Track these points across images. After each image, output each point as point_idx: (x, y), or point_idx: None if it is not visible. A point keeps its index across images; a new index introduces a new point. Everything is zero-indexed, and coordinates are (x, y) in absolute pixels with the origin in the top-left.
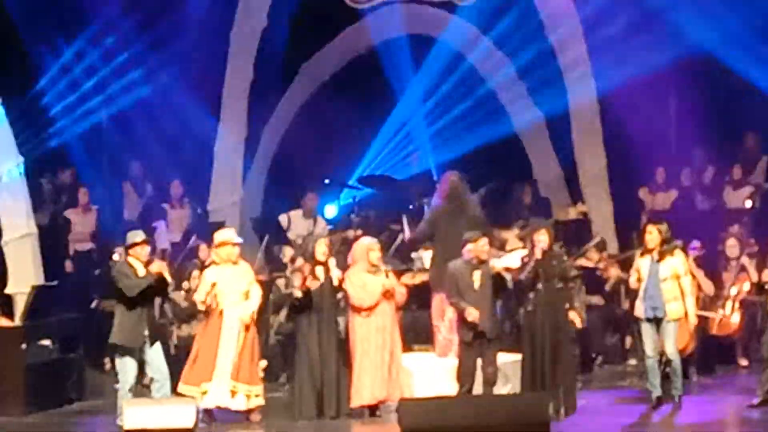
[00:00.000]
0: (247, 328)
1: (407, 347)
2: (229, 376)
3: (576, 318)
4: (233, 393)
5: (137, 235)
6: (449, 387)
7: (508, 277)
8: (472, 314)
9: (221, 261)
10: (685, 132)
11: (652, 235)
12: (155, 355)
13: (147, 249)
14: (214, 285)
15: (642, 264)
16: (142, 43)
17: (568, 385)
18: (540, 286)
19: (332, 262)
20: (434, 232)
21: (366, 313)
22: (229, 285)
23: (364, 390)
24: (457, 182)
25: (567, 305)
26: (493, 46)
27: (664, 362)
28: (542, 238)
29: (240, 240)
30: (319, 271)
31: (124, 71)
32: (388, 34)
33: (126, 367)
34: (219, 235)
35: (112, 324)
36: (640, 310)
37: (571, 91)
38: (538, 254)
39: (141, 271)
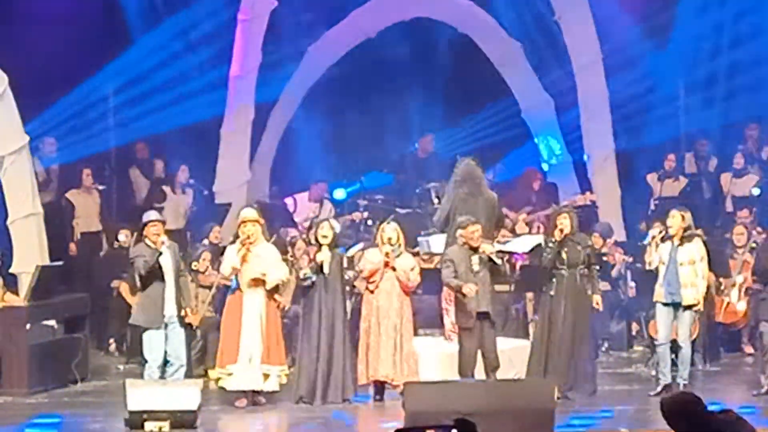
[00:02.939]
0: (269, 308)
1: (414, 331)
2: (259, 359)
3: (600, 301)
4: (266, 376)
5: (149, 215)
6: (455, 371)
7: (499, 261)
8: (470, 289)
9: (242, 238)
10: (691, 120)
11: (675, 219)
12: (175, 338)
13: (158, 228)
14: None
15: (663, 249)
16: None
17: (588, 370)
18: (564, 271)
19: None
20: (449, 216)
21: (374, 290)
22: (247, 265)
23: (368, 368)
24: (473, 166)
25: (589, 290)
26: (501, 27)
27: (674, 348)
28: (565, 222)
29: (261, 219)
30: (323, 253)
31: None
32: (396, 17)
33: (152, 345)
34: (241, 213)
35: (119, 305)
36: (660, 293)
37: (580, 78)
38: (557, 236)
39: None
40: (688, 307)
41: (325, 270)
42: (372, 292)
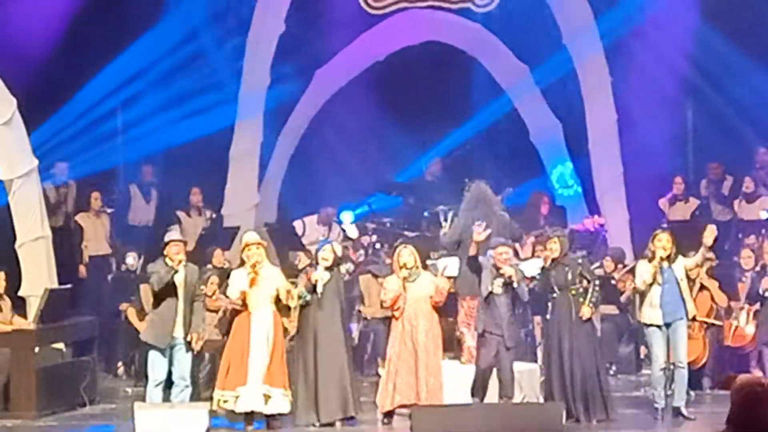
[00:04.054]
0: (276, 329)
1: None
2: (261, 380)
3: (587, 311)
4: (266, 398)
5: (170, 235)
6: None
7: (515, 278)
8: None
9: (247, 263)
10: (702, 143)
11: (667, 240)
12: (183, 359)
13: (179, 248)
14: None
15: (649, 270)
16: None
17: (594, 391)
18: (555, 294)
19: (344, 267)
20: (461, 239)
21: (399, 317)
22: (255, 288)
23: (388, 395)
24: (483, 188)
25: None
26: (511, 53)
27: (672, 369)
28: (553, 247)
29: (264, 242)
30: (317, 273)
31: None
32: (405, 41)
33: (155, 364)
34: (244, 237)
35: (127, 328)
36: (654, 316)
37: (589, 101)
38: (546, 261)
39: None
40: (692, 320)
41: (318, 289)
42: (397, 318)
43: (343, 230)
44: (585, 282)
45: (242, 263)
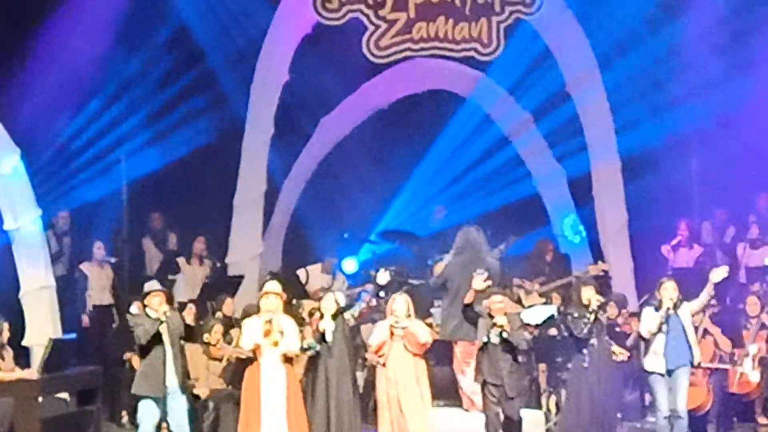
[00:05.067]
0: (289, 378)
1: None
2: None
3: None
4: None
5: (151, 285)
6: None
7: (507, 328)
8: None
9: (263, 310)
10: (706, 191)
11: (673, 289)
12: (178, 407)
13: (160, 299)
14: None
15: (654, 318)
16: (165, 95)
17: None
18: (593, 341)
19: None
20: (446, 284)
21: (385, 363)
22: (271, 338)
23: None
24: (471, 233)
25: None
26: (515, 102)
27: (674, 418)
28: (591, 293)
29: (283, 294)
30: (324, 322)
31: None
32: (409, 89)
33: (145, 414)
34: (265, 285)
35: (131, 377)
36: (658, 363)
37: (593, 149)
38: (593, 306)
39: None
40: (697, 366)
41: (328, 338)
42: (384, 365)
43: (345, 276)
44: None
45: (258, 311)
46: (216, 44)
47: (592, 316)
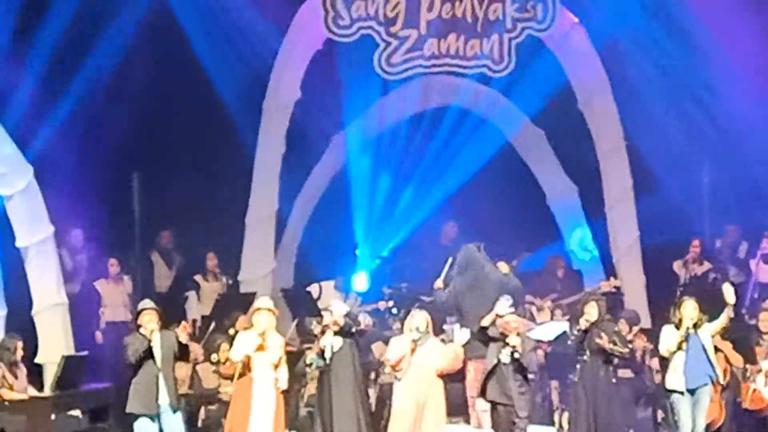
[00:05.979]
0: (278, 397)
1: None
2: None
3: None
4: None
5: (143, 304)
6: None
7: (519, 349)
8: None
9: (255, 326)
10: (719, 205)
11: (694, 308)
12: (174, 424)
13: (150, 317)
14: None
15: (674, 336)
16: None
17: None
18: (586, 357)
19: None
20: (458, 305)
21: (402, 377)
22: (260, 353)
23: None
24: (474, 252)
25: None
26: (526, 117)
27: None
28: (591, 311)
29: (276, 310)
30: (325, 338)
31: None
32: (420, 105)
33: (141, 431)
34: (257, 301)
35: None
36: (678, 382)
37: (604, 165)
38: (582, 325)
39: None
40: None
41: (326, 355)
42: (399, 380)
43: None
44: (618, 346)
45: (250, 326)
46: (226, 68)
47: (583, 332)
